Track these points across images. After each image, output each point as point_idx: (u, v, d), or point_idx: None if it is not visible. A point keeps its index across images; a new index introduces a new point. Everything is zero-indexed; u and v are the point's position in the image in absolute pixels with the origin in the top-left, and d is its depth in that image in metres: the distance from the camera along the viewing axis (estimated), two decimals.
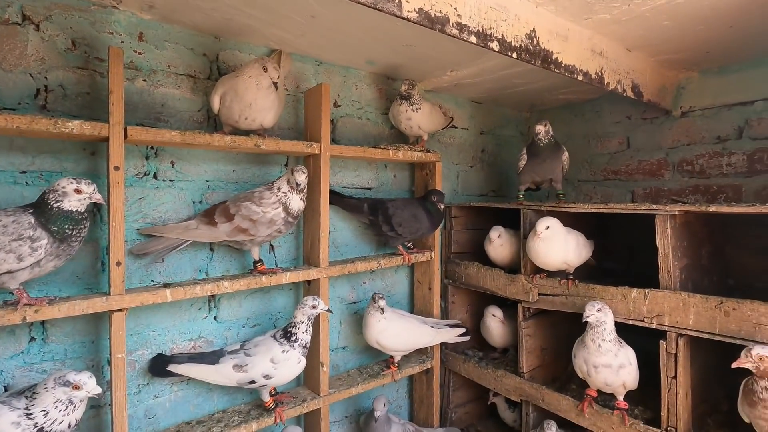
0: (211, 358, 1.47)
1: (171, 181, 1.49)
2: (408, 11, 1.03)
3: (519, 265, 1.89)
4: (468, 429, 2.25)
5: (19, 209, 1.06)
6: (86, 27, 1.33)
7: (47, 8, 1.27)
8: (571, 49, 1.52)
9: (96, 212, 1.35)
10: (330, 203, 1.70)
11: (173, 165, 1.49)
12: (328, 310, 1.53)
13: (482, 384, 2.02)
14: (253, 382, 1.44)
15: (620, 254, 2.22)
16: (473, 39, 1.18)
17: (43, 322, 1.27)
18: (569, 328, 1.77)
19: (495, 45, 1.24)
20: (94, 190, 1.10)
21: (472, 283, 2.09)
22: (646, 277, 1.56)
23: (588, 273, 1.87)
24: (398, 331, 1.79)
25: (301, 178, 1.47)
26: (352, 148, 1.72)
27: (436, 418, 2.09)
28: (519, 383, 1.84)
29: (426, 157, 1.97)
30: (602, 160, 2.44)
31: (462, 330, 1.96)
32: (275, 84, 1.39)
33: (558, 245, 1.67)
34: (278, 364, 1.46)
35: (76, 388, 1.06)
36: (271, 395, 1.56)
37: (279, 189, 1.49)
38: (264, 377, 1.45)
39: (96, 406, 1.36)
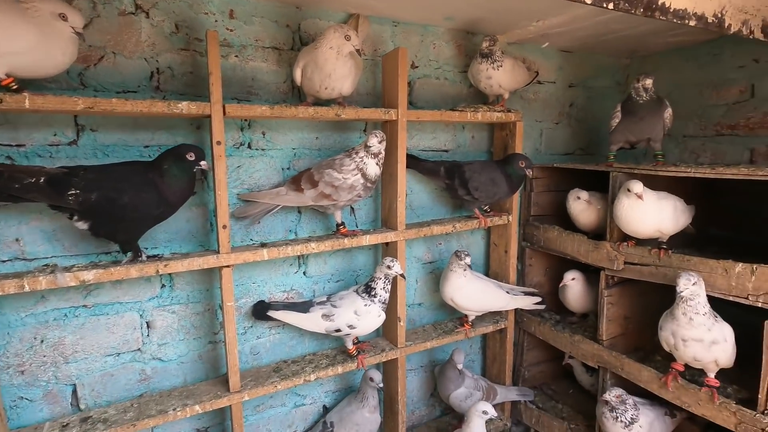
0: (303, 307, 1.66)
1: (263, 150, 1.63)
2: None
3: (604, 230, 1.80)
4: (541, 387, 2.29)
5: None
6: (186, 10, 1.46)
7: None
8: None
9: (203, 179, 1.55)
10: (407, 167, 1.73)
11: (264, 135, 1.63)
12: (402, 276, 1.62)
13: (558, 347, 2.02)
14: (338, 330, 1.61)
15: (728, 221, 1.99)
16: None
17: (170, 274, 1.52)
18: (658, 298, 1.67)
19: None
20: None
21: (552, 248, 2.03)
22: (759, 248, 1.40)
23: (684, 241, 1.71)
24: (473, 292, 1.84)
25: (373, 141, 1.51)
26: (429, 112, 1.71)
27: (508, 375, 2.16)
28: (597, 350, 1.81)
29: (506, 117, 1.89)
30: (716, 112, 2.13)
31: (538, 299, 1.95)
32: (359, 51, 1.41)
33: (651, 212, 1.55)
34: (361, 316, 1.60)
35: None
36: (354, 344, 1.73)
37: (357, 154, 1.55)
38: (348, 327, 1.60)
39: (213, 342, 1.63)
